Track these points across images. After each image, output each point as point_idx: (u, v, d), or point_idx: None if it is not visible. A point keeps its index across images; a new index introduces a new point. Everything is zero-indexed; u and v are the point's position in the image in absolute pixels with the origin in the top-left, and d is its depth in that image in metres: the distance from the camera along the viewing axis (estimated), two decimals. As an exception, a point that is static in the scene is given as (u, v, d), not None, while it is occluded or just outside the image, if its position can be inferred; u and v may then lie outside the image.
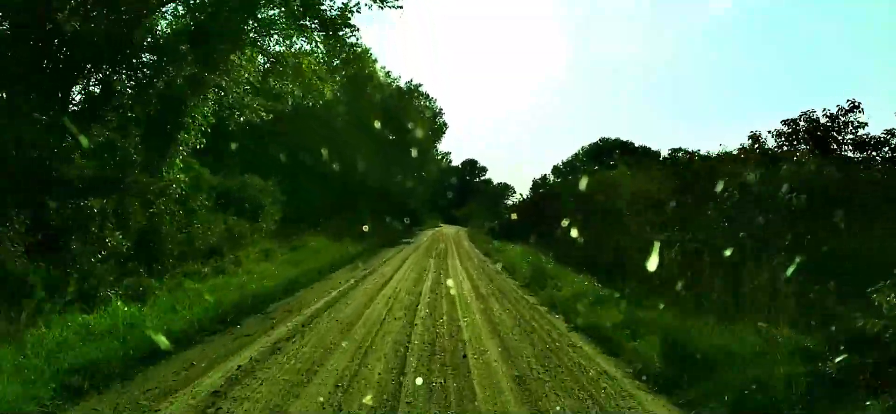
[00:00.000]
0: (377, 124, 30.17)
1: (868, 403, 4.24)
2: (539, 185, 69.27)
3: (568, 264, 15.33)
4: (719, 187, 10.82)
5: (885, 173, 12.18)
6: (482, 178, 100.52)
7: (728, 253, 8.48)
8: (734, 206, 10.33)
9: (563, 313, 9.85)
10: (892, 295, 4.91)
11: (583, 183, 20.71)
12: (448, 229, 49.25)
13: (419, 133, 36.96)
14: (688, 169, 14.77)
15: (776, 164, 12.40)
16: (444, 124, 45.78)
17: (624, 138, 62.23)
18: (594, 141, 62.35)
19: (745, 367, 5.26)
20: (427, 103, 40.91)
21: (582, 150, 63.52)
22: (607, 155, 62.09)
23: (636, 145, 60.05)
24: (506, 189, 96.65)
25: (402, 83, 35.99)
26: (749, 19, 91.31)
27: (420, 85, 38.13)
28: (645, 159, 62.45)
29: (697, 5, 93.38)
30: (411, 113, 33.75)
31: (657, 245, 9.89)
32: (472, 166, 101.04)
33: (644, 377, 6.08)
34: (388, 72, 34.08)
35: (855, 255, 7.74)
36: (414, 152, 45.26)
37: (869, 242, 8.06)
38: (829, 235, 8.49)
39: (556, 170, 65.86)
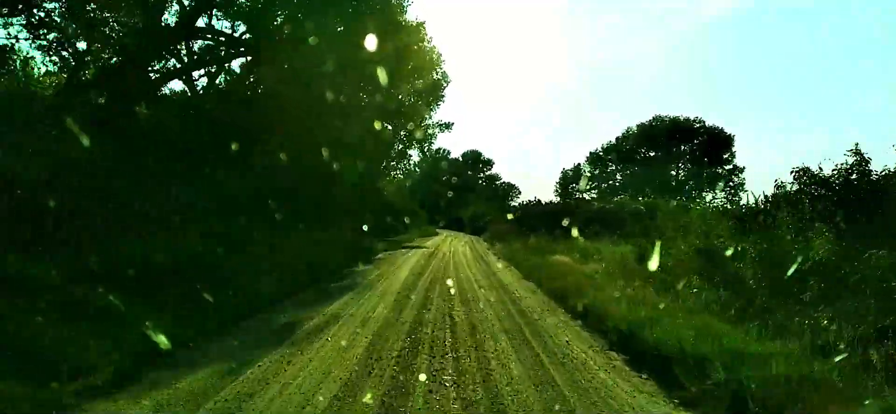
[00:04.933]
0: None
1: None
2: (570, 178, 53.03)
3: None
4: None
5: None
6: (487, 172, 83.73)
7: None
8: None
9: None
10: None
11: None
12: (452, 244, 25.48)
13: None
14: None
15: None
16: (445, 77, 28.83)
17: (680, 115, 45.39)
18: (645, 120, 45.90)
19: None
20: (418, 32, 23.82)
21: (629, 131, 46.98)
22: (668, 136, 45.84)
23: (706, 125, 43.56)
24: (510, 189, 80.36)
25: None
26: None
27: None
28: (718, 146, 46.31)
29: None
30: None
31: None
32: (475, 159, 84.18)
33: None
34: None
35: None
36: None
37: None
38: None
39: (593, 157, 49.40)
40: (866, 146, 9.49)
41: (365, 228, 24.86)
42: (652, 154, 45.42)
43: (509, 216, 35.17)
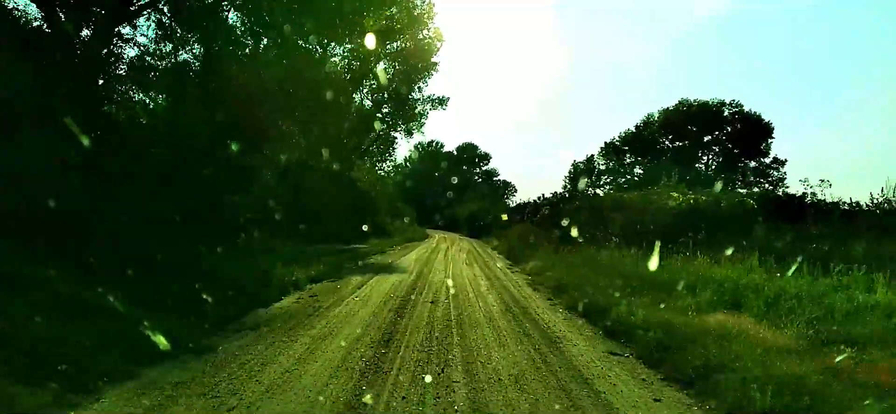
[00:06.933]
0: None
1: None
2: (582, 170, 46.51)
3: None
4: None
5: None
6: (484, 167, 77.23)
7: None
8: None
9: None
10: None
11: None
12: (448, 258, 16.91)
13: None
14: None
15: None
16: (438, 36, 22.32)
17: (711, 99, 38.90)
18: (671, 105, 39.45)
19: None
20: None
21: (651, 118, 40.61)
22: (698, 123, 39.63)
23: (743, 110, 37.16)
24: (506, 186, 74.07)
25: None
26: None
27: None
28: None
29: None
30: None
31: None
32: (470, 153, 77.76)
33: None
34: None
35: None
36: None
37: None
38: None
39: (608, 148, 43.00)
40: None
41: (365, 228, 18.82)
42: (677, 144, 39.16)
43: (504, 217, 30.54)
